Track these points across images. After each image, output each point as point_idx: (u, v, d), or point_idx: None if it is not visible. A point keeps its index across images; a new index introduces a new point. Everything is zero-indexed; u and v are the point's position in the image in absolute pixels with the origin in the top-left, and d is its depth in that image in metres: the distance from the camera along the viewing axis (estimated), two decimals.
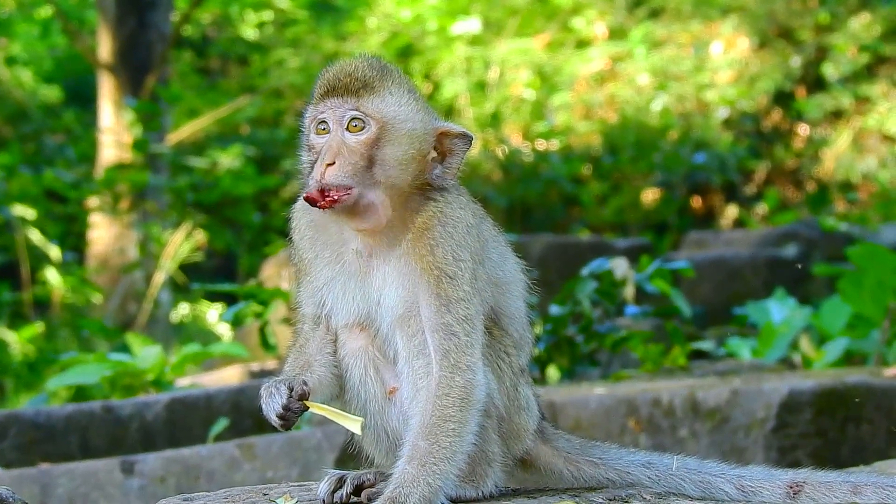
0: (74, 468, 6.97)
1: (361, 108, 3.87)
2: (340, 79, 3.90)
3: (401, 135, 3.88)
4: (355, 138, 3.86)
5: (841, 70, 23.20)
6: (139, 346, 9.84)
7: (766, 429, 6.84)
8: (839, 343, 9.29)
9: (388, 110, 3.88)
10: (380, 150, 3.86)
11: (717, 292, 14.06)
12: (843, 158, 23.06)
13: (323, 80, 3.94)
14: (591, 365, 8.81)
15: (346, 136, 3.87)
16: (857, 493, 4.06)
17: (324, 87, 3.93)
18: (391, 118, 3.88)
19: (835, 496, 4.07)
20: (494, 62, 25.09)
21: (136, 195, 18.57)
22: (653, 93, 24.00)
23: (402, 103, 3.91)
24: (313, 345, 4.03)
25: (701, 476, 4.15)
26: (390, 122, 3.88)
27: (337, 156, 3.84)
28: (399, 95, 3.92)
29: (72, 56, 27.32)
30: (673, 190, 22.78)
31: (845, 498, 4.06)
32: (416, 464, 3.75)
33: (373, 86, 3.89)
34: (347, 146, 3.85)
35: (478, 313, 3.91)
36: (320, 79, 3.96)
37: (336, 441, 6.78)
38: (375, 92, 3.88)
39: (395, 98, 3.90)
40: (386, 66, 3.96)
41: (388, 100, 3.89)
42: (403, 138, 3.88)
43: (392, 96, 3.90)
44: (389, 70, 3.95)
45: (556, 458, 4.20)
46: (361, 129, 3.87)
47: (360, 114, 3.87)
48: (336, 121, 3.88)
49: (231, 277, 19.29)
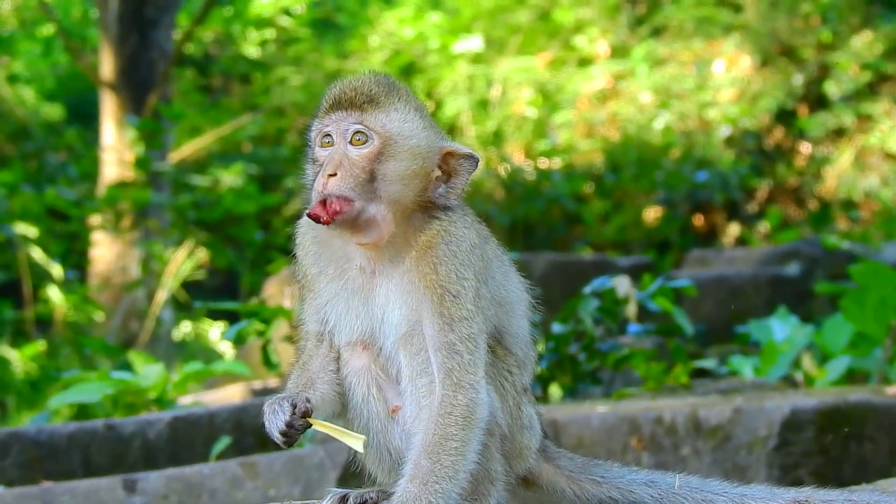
0: (76, 486, 6.97)
1: (365, 122, 3.89)
2: (346, 93, 3.93)
3: (404, 150, 3.90)
4: (358, 151, 3.88)
5: (843, 88, 23.21)
6: (141, 364, 9.83)
7: (769, 447, 6.84)
8: (841, 361, 9.27)
9: (391, 126, 3.90)
10: (382, 165, 3.88)
11: (720, 310, 14.05)
12: (845, 176, 23.06)
13: (329, 94, 3.98)
14: (594, 383, 8.80)
15: (348, 149, 3.89)
16: None
17: (330, 101, 3.96)
18: (395, 133, 3.90)
19: None
20: (496, 80, 25.12)
21: (138, 213, 18.59)
22: (655, 111, 24.01)
23: (406, 119, 3.93)
24: (316, 362, 4.04)
25: (703, 494, 4.15)
26: (393, 137, 3.89)
27: (339, 167, 3.87)
28: (404, 112, 3.94)
29: (74, 74, 27.37)
30: (675, 208, 22.78)
31: None
32: (419, 482, 3.75)
33: (378, 101, 3.91)
34: (350, 159, 3.87)
35: (481, 332, 3.92)
36: (327, 93, 3.99)
37: (338, 459, 6.78)
38: (380, 107, 3.91)
39: (399, 114, 3.92)
40: (393, 83, 3.98)
41: (392, 115, 3.91)
42: (406, 154, 3.90)
43: (397, 112, 3.92)
44: (396, 87, 3.98)
45: (559, 476, 4.20)
46: (364, 143, 3.89)
47: (363, 127, 3.90)
48: (340, 134, 3.91)
49: (233, 295, 19.28)
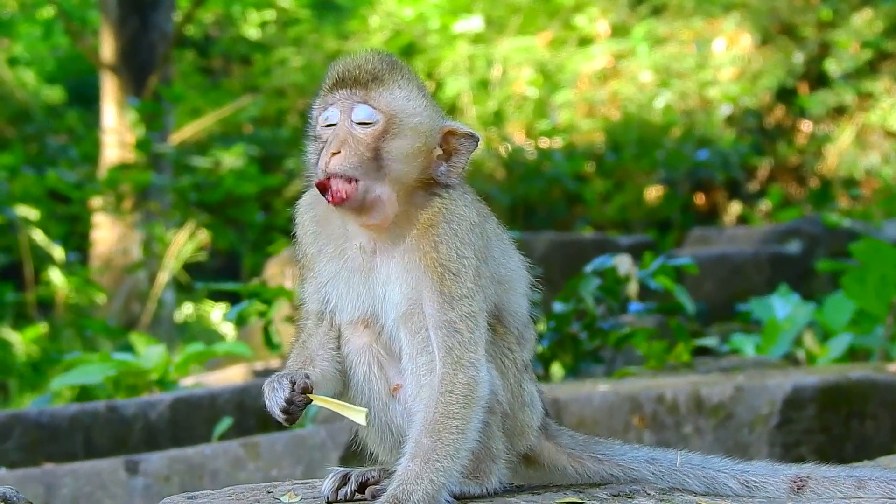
0: (78, 468, 6.97)
1: (370, 100, 3.87)
2: (350, 70, 3.91)
3: (408, 128, 3.88)
4: (363, 129, 3.86)
5: (843, 66, 23.17)
6: (143, 345, 9.85)
7: (770, 425, 6.84)
8: (843, 339, 9.28)
9: (396, 104, 3.88)
10: (386, 143, 3.86)
11: (721, 289, 14.05)
12: (845, 155, 23.04)
13: (333, 72, 3.95)
14: (595, 362, 8.80)
15: (353, 127, 3.87)
16: (861, 487, 4.07)
17: (333, 79, 3.93)
18: (399, 111, 3.88)
19: (839, 491, 4.07)
20: (497, 60, 25.08)
21: (139, 195, 18.59)
22: (655, 90, 23.98)
23: (410, 98, 3.91)
24: (316, 340, 4.03)
25: (705, 472, 4.15)
26: (398, 115, 3.88)
27: (343, 145, 3.84)
28: (408, 90, 3.92)
29: (74, 56, 27.34)
30: (676, 187, 22.77)
31: (849, 492, 4.06)
32: (420, 461, 3.74)
33: (382, 79, 3.89)
34: (354, 136, 3.85)
35: (481, 310, 3.91)
36: (330, 70, 3.97)
37: (340, 439, 6.78)
38: (385, 85, 3.89)
39: (403, 92, 3.91)
40: (396, 62, 3.96)
41: (396, 93, 3.89)
42: (410, 132, 3.88)
43: (401, 90, 3.90)
44: (399, 65, 3.96)
45: (560, 454, 4.20)
46: (369, 120, 3.87)
47: (367, 106, 3.87)
48: (345, 111, 3.88)
49: (234, 277, 19.28)
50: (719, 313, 13.36)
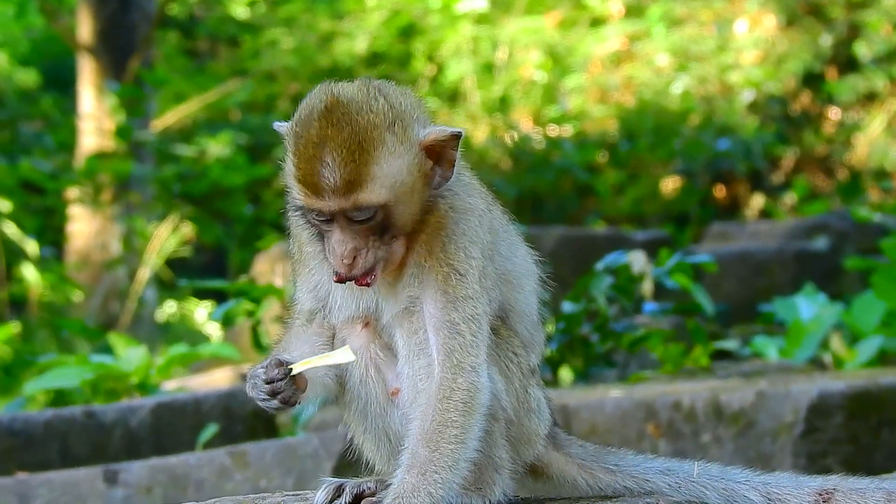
0: (54, 478, 6.98)
1: (358, 204, 3.82)
2: (321, 181, 3.79)
3: (404, 189, 3.82)
4: (364, 224, 3.83)
5: (874, 49, 23.17)
6: (123, 347, 9.85)
7: (795, 434, 6.85)
8: (873, 342, 9.28)
9: (384, 191, 3.80)
10: (389, 215, 3.83)
11: (742, 288, 14.07)
12: (876, 144, 23.04)
13: (303, 173, 3.82)
14: (607, 366, 8.82)
15: (353, 225, 3.83)
16: (891, 500, 4.07)
17: (307, 186, 3.83)
18: (390, 187, 3.80)
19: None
20: (503, 42, 25.08)
21: (118, 186, 18.62)
22: (673, 74, 23.98)
23: (390, 163, 3.81)
24: (301, 339, 4.04)
25: (724, 483, 4.16)
26: (391, 191, 3.80)
27: (353, 251, 3.82)
28: (386, 157, 3.81)
29: (50, 37, 27.36)
30: (694, 179, 22.78)
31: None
32: (416, 473, 3.75)
33: (359, 178, 3.78)
34: (359, 233, 3.83)
35: (485, 313, 3.92)
36: (298, 165, 3.82)
37: (334, 448, 6.80)
38: (364, 182, 3.78)
39: (383, 163, 3.80)
40: (358, 125, 3.80)
41: (378, 178, 3.79)
42: (406, 188, 3.83)
43: (379, 167, 3.80)
44: (365, 130, 3.81)
45: (570, 465, 4.21)
46: (366, 217, 3.83)
47: (359, 210, 3.82)
48: (337, 213, 3.84)
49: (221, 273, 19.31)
50: (740, 314, 13.37)
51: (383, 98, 3.88)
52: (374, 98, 3.87)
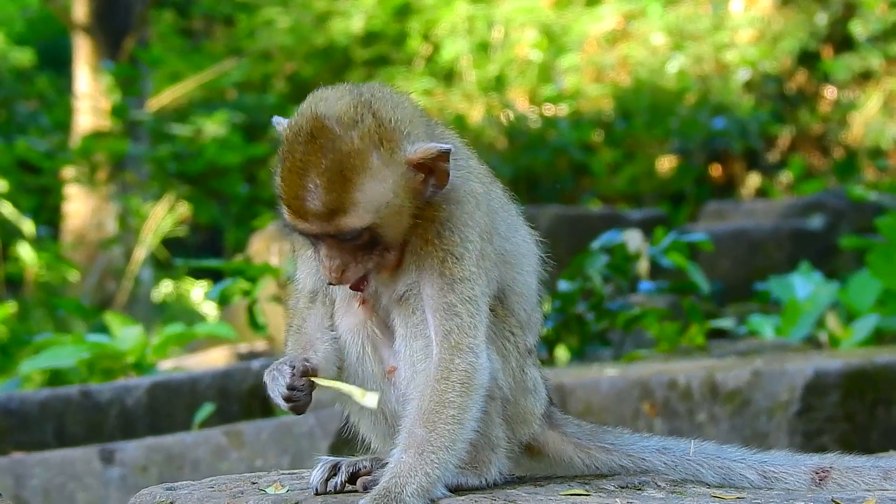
0: (50, 457, 6.98)
1: (341, 229, 3.80)
2: (304, 206, 3.77)
3: (391, 212, 3.80)
4: (352, 242, 3.82)
5: (870, 28, 23.13)
6: (119, 326, 9.84)
7: (790, 412, 6.85)
8: (868, 320, 9.28)
9: (367, 215, 3.77)
10: (377, 235, 3.82)
11: (738, 267, 14.07)
12: (872, 123, 23.03)
13: (287, 197, 3.80)
14: (603, 345, 8.82)
15: (340, 244, 3.81)
16: (887, 478, 4.07)
17: (291, 209, 3.81)
18: (374, 214, 3.77)
19: (863, 482, 4.07)
20: (498, 21, 25.04)
21: (114, 165, 18.59)
22: (668, 53, 23.95)
23: (374, 189, 3.77)
24: (312, 323, 4.03)
25: (720, 462, 4.15)
26: (375, 218, 3.78)
27: (344, 265, 3.82)
28: (369, 182, 3.77)
29: (45, 17, 27.27)
30: (690, 157, 22.76)
31: (875, 484, 4.06)
32: (413, 453, 3.75)
33: (342, 205, 3.76)
34: (346, 250, 3.81)
35: (483, 294, 3.90)
36: (282, 188, 3.81)
37: (330, 427, 6.79)
38: (346, 208, 3.76)
39: (367, 193, 3.76)
40: (340, 152, 3.76)
41: (361, 204, 3.76)
42: (393, 210, 3.80)
43: (363, 192, 3.76)
44: (348, 157, 3.76)
45: (566, 444, 4.21)
46: (354, 236, 3.81)
47: (343, 233, 3.81)
48: (324, 235, 3.81)
49: (217, 253, 19.30)
50: (736, 293, 13.38)
51: (372, 115, 3.81)
52: (361, 116, 3.80)
